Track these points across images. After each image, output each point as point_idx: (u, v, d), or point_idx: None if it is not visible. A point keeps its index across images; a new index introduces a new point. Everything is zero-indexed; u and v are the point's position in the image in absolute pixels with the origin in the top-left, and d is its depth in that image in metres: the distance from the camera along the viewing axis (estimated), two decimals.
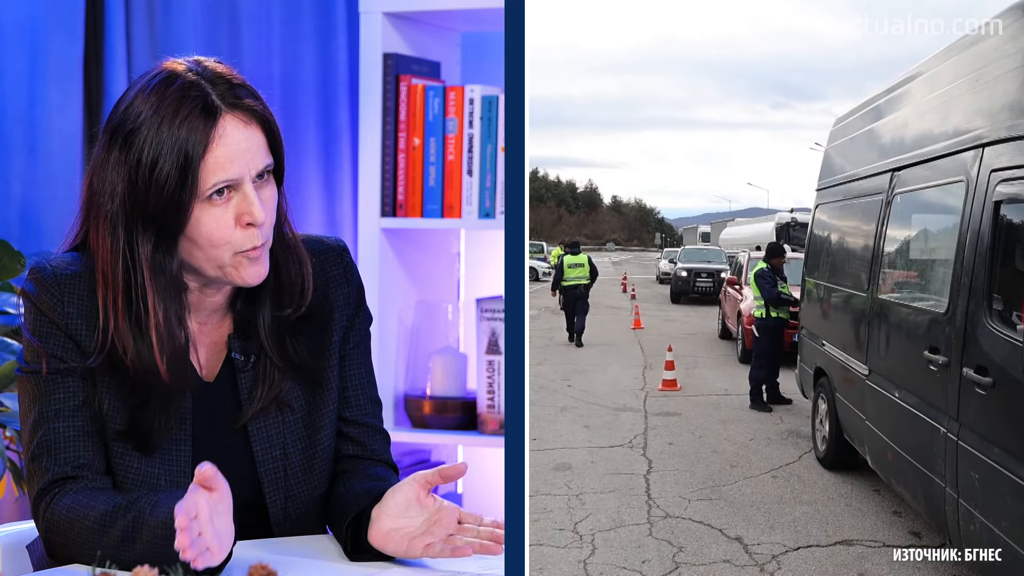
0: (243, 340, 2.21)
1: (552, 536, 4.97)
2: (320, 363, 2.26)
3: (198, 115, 2.04)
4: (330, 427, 2.28)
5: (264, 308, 2.20)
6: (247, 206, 2.06)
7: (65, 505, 2.07)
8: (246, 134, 2.07)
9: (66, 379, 2.12)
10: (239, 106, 2.07)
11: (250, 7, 3.89)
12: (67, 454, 2.10)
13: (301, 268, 2.22)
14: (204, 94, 2.06)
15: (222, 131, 2.05)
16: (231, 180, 2.05)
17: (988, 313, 3.73)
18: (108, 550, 2.00)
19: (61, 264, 2.15)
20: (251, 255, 2.09)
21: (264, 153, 2.09)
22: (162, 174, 2.03)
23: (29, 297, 2.14)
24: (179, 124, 2.03)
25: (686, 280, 8.41)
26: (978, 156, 3.95)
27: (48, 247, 3.45)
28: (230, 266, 2.09)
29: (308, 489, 2.24)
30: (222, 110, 2.06)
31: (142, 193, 2.04)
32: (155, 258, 2.07)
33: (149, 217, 2.05)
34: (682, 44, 6.00)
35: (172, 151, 2.03)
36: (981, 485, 3.64)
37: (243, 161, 2.05)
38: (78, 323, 2.12)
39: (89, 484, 2.10)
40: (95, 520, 2.04)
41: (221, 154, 2.04)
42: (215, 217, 2.06)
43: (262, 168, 2.08)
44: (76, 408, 2.12)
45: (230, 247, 2.07)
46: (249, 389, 2.20)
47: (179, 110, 2.04)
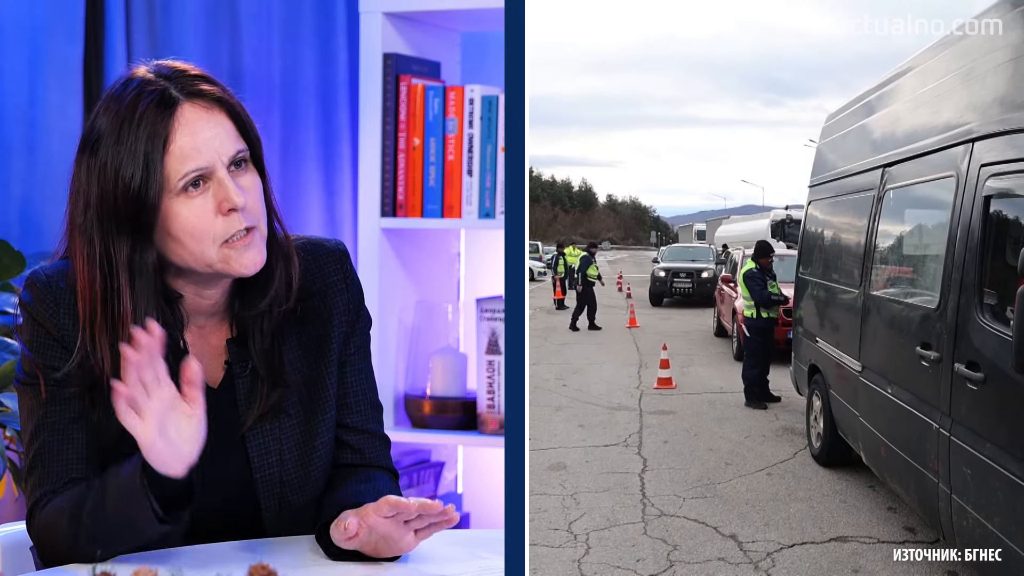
0: (241, 346, 2.21)
1: (546, 536, 4.96)
2: (319, 374, 2.26)
3: (154, 108, 2.04)
4: (327, 433, 2.27)
5: (258, 317, 2.19)
6: (224, 192, 2.06)
7: (48, 508, 2.07)
8: (210, 121, 2.07)
9: (62, 391, 2.12)
10: (198, 94, 2.08)
11: (250, 7, 3.89)
12: (58, 468, 2.10)
13: (287, 265, 2.21)
14: (160, 88, 2.07)
15: (183, 120, 2.05)
16: (201, 168, 2.05)
17: (979, 308, 3.73)
18: (85, 527, 2.00)
19: (56, 273, 2.15)
20: (238, 243, 2.08)
21: (234, 138, 2.09)
22: (127, 173, 2.03)
23: (25, 307, 2.14)
24: (137, 122, 2.04)
25: (663, 281, 8.00)
26: (968, 151, 3.96)
27: (48, 247, 3.45)
28: (219, 261, 2.08)
29: (303, 494, 2.24)
30: (180, 100, 2.06)
31: (110, 196, 2.04)
32: (132, 260, 2.07)
33: (122, 219, 2.05)
34: (671, 42, 6.00)
35: (133, 149, 2.03)
36: (973, 480, 3.65)
37: (211, 148, 2.05)
38: (73, 334, 2.12)
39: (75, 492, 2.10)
40: (70, 503, 2.04)
41: (186, 143, 2.04)
42: (194, 209, 2.05)
43: (233, 153, 2.08)
44: (70, 421, 2.11)
45: (212, 238, 2.06)
46: (247, 395, 2.20)
47: (136, 108, 2.05)
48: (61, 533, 2.06)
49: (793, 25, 5.95)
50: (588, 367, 7.45)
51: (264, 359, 2.19)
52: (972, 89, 4.03)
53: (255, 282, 2.17)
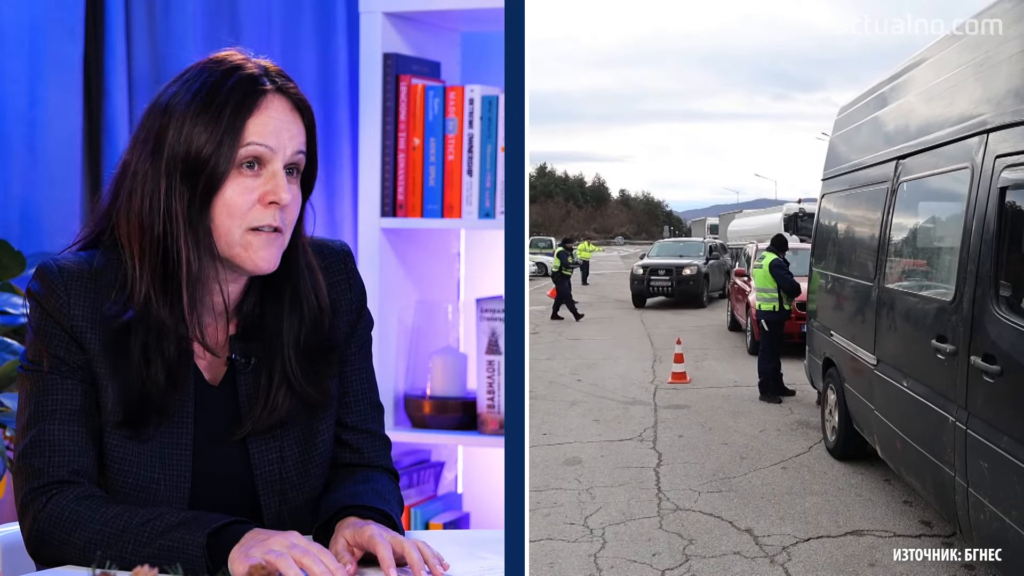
0: (244, 342, 2.21)
1: (562, 531, 4.96)
2: (325, 382, 2.25)
3: (246, 87, 2.09)
4: (328, 432, 2.27)
5: (288, 338, 2.19)
6: (274, 184, 2.09)
7: (70, 508, 2.06)
8: (289, 117, 2.12)
9: (65, 380, 2.12)
10: (287, 91, 2.14)
11: (250, 7, 3.89)
12: (62, 457, 2.09)
13: (321, 297, 2.22)
14: (258, 74, 2.12)
15: (268, 104, 2.10)
16: (267, 147, 2.07)
17: (995, 301, 3.71)
18: (111, 549, 2.00)
19: (70, 263, 2.14)
20: (264, 236, 2.09)
21: (301, 140, 2.14)
22: (202, 140, 2.06)
23: (35, 296, 2.14)
24: (227, 92, 2.08)
25: (641, 279, 7.41)
26: (983, 142, 3.93)
27: (48, 247, 3.45)
28: (240, 245, 2.09)
29: (303, 493, 2.24)
30: (271, 89, 2.12)
31: (180, 155, 2.07)
32: (191, 214, 2.08)
33: (186, 174, 2.07)
34: (674, 37, 5.99)
35: (216, 117, 2.07)
36: (990, 474, 3.63)
37: (281, 137, 2.09)
38: (83, 325, 2.11)
39: (86, 491, 2.08)
40: (95, 520, 2.03)
41: (262, 122, 2.08)
42: (242, 187, 2.08)
43: (295, 153, 2.12)
44: (73, 412, 2.11)
45: (245, 221, 2.08)
46: (248, 394, 2.19)
47: (227, 80, 2.09)
48: (71, 538, 2.05)
49: (796, 17, 5.93)
50: (602, 362, 7.45)
51: (267, 357, 2.19)
52: (986, 80, 4.01)
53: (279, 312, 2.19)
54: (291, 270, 2.20)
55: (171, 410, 2.12)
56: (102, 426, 2.12)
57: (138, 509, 2.05)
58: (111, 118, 3.65)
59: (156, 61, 3.76)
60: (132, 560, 1.95)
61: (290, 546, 1.93)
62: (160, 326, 2.08)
